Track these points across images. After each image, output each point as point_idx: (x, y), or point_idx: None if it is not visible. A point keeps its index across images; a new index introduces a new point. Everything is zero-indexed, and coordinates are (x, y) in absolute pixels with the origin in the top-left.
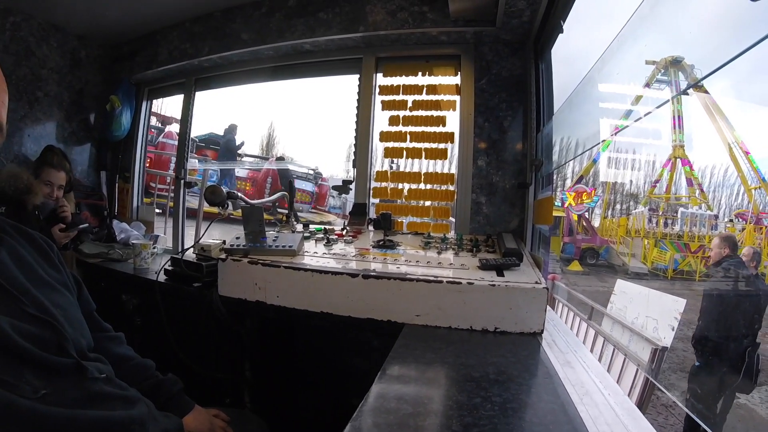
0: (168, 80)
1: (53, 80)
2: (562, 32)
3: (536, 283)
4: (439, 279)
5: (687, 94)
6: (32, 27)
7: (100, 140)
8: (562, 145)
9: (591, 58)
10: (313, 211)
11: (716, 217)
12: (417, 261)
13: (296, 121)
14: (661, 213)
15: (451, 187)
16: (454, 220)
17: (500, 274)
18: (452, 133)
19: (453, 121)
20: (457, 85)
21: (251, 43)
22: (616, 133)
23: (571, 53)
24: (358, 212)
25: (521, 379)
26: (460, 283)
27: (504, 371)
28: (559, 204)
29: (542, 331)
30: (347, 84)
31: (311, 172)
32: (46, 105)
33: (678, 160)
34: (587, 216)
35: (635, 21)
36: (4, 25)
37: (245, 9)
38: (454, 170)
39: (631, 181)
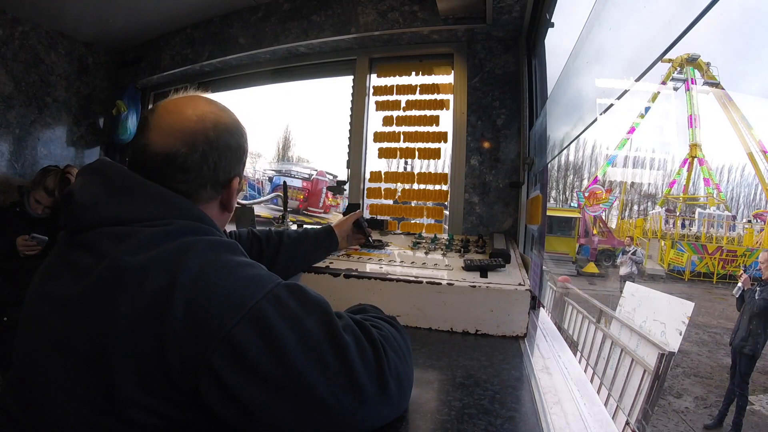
0: (171, 85)
1: (62, 86)
2: (552, 26)
3: (519, 285)
4: (418, 279)
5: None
6: (40, 35)
7: (107, 144)
8: (553, 139)
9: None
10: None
11: (734, 217)
12: (402, 261)
13: (300, 121)
14: (678, 214)
15: (444, 187)
16: (447, 219)
17: (484, 275)
18: (445, 133)
19: (446, 121)
20: (450, 83)
21: (248, 47)
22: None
23: (566, 47)
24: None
25: (488, 384)
26: (440, 283)
27: (473, 375)
28: (575, 205)
29: (525, 335)
30: (346, 85)
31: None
32: (55, 110)
33: (695, 159)
34: (603, 217)
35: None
36: (13, 35)
37: (242, 14)
38: (447, 170)
39: (649, 184)
